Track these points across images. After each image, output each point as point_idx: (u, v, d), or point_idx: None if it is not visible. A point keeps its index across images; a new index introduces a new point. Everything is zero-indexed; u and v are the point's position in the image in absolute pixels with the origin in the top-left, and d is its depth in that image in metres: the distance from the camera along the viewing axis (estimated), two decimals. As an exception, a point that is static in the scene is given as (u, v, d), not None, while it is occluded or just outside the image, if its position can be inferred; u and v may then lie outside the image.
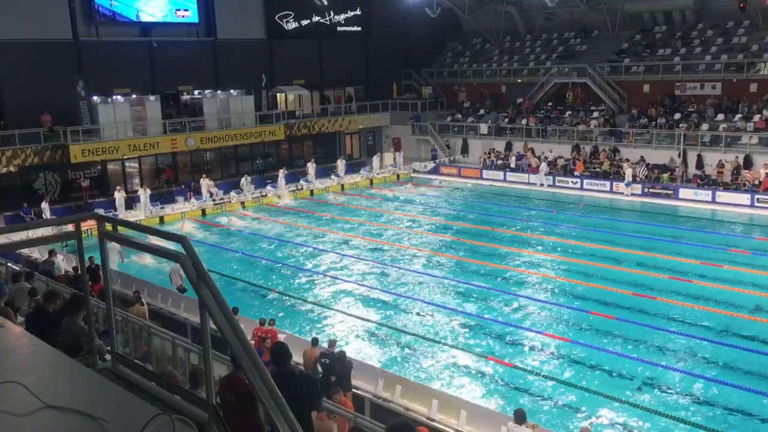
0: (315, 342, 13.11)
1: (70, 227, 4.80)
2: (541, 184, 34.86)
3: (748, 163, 30.57)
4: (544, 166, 35.15)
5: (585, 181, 33.89)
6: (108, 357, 4.92)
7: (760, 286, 19.22)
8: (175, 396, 4.07)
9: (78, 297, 6.68)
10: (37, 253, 21.26)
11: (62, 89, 30.61)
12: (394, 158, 40.41)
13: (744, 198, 29.00)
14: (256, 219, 30.50)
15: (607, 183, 33.01)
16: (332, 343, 13.10)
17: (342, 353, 12.36)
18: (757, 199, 28.56)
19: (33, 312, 7.38)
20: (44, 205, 27.12)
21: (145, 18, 34.74)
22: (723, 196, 29.59)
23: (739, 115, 32.45)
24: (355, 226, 28.44)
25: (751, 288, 19.13)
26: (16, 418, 2.80)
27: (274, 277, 21.77)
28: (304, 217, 30.60)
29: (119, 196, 29.03)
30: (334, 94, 44.28)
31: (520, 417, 10.20)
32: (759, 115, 31.64)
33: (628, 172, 32.03)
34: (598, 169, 34.45)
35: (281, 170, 34.70)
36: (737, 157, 30.74)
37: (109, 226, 4.76)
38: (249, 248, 25.29)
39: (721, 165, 31.07)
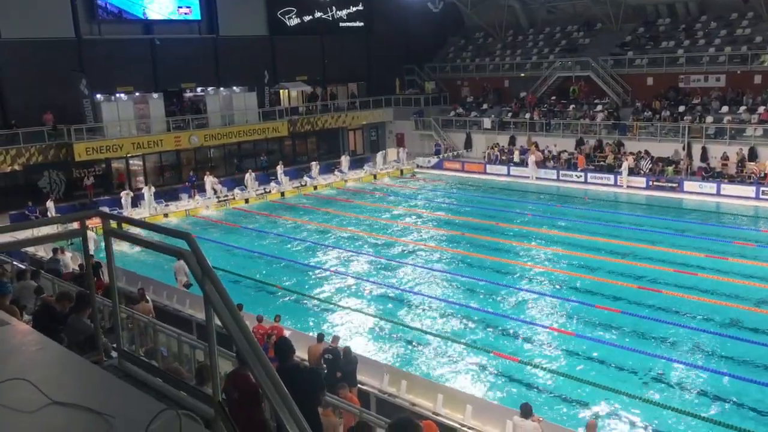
0: (320, 338, 13.13)
1: (75, 225, 4.81)
2: (531, 177, 35.02)
3: (752, 155, 30.43)
4: (532, 160, 35.17)
5: (589, 174, 33.82)
6: (114, 354, 4.94)
7: (766, 278, 19.17)
8: (181, 392, 4.08)
9: (83, 295, 6.70)
10: (43, 252, 21.33)
11: (65, 88, 30.68)
12: (398, 154, 40.42)
13: (749, 190, 28.90)
14: (261, 215, 30.50)
15: (612, 176, 32.93)
16: (335, 338, 13.15)
17: (347, 349, 12.39)
18: (763, 191, 28.45)
19: (40, 310, 7.39)
20: (49, 204, 27.18)
21: (150, 15, 34.77)
22: (728, 188, 29.48)
23: (743, 107, 32.31)
24: (358, 221, 28.44)
25: (757, 280, 19.06)
26: (23, 414, 2.81)
27: (278, 273, 21.77)
28: (307, 213, 30.61)
29: (125, 194, 29.15)
30: (329, 90, 44.09)
31: (526, 411, 10.19)
32: (763, 107, 31.49)
33: (625, 165, 31.99)
34: (602, 163, 34.36)
35: (279, 165, 34.72)
36: (741, 149, 30.62)
37: (114, 224, 4.77)
38: (253, 244, 25.32)
39: (725, 157, 30.96)
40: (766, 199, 28.29)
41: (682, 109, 34.15)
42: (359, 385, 12.21)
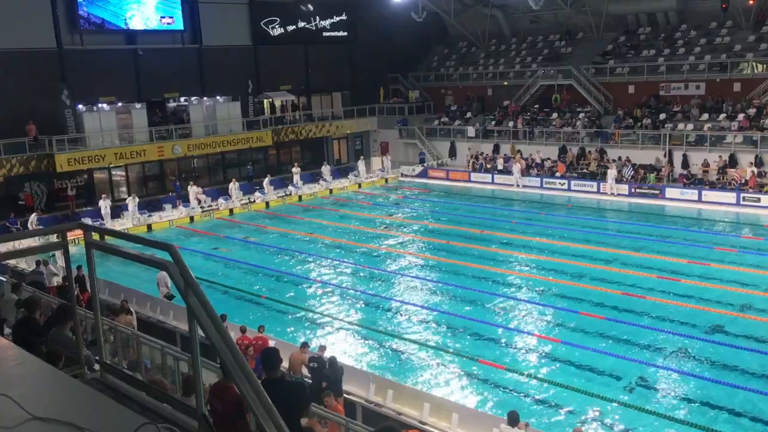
0: (304, 345, 13.07)
1: (56, 237, 4.77)
2: (516, 185, 35.23)
3: (732, 161, 30.80)
4: (517, 167, 35.37)
5: (572, 182, 34.04)
6: (97, 367, 4.88)
7: (748, 284, 19.37)
8: (165, 405, 4.04)
9: (65, 307, 6.63)
10: (24, 264, 21.08)
11: (47, 98, 30.41)
12: (382, 162, 40.49)
13: (730, 196, 29.21)
14: (245, 225, 30.36)
15: (595, 184, 33.17)
16: (322, 348, 13.09)
17: (333, 358, 12.34)
18: (743, 197, 28.77)
19: (18, 323, 7.30)
20: (32, 217, 26.88)
21: (133, 26, 34.59)
22: (709, 195, 29.79)
23: (723, 115, 32.72)
24: (343, 231, 28.39)
25: (739, 286, 19.27)
26: (3, 430, 2.77)
27: (263, 283, 21.68)
28: (292, 223, 30.53)
29: (104, 204, 28.89)
30: (306, 99, 44.18)
31: (513, 419, 10.21)
32: (743, 114, 31.90)
33: (610, 173, 32.20)
34: (585, 170, 34.62)
35: (266, 178, 34.66)
36: (721, 156, 30.98)
37: (96, 236, 4.73)
38: (237, 254, 25.18)
39: (706, 164, 31.30)
40: (746, 206, 28.61)
41: (663, 116, 34.51)
42: (345, 395, 12.16)
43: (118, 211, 30.25)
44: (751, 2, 34.06)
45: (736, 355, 14.94)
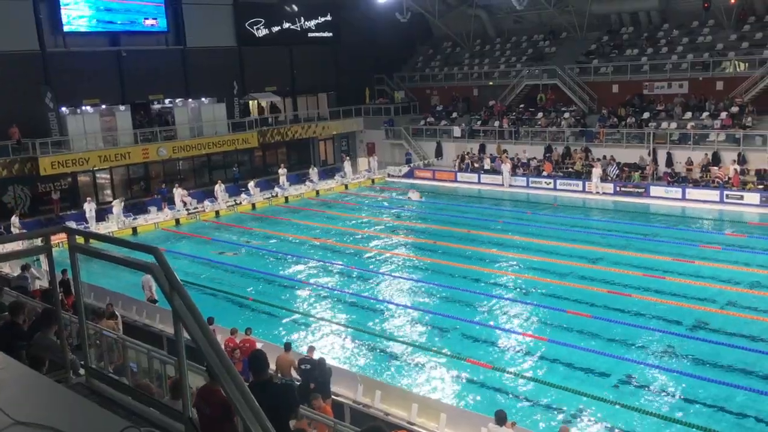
0: (288, 347, 13.04)
1: (40, 241, 4.73)
2: (504, 184, 35.33)
3: (716, 159, 31.08)
4: (506, 167, 35.50)
5: (558, 181, 34.20)
6: (82, 371, 4.84)
7: (732, 281, 19.55)
8: (152, 409, 4.01)
9: (49, 311, 6.56)
10: (8, 268, 20.86)
11: (30, 101, 30.16)
12: (369, 163, 40.46)
13: (713, 194, 29.46)
14: (232, 227, 30.24)
15: (580, 183, 33.34)
16: (311, 349, 13.08)
17: (321, 360, 12.33)
18: (727, 195, 29.03)
19: (1, 327, 7.21)
20: (14, 219, 26.64)
21: (117, 27, 34.27)
22: (693, 193, 30.03)
23: (706, 113, 32.99)
24: (329, 231, 28.35)
25: (723, 283, 19.44)
26: (-14, 436, 2.74)
27: (250, 285, 21.60)
28: (279, 224, 30.44)
29: (88, 207, 28.65)
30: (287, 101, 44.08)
31: (500, 418, 10.24)
32: (725, 113, 32.19)
33: (595, 172, 32.37)
34: (570, 170, 34.79)
35: (252, 182, 34.51)
36: (706, 154, 31.25)
37: (80, 239, 4.69)
38: (223, 257, 25.07)
39: (690, 162, 31.56)
40: (730, 203, 28.86)
41: (646, 115, 34.75)
42: (333, 396, 12.15)
43: (102, 214, 30.03)
44: (732, 1, 34.37)
45: (721, 352, 15.05)
